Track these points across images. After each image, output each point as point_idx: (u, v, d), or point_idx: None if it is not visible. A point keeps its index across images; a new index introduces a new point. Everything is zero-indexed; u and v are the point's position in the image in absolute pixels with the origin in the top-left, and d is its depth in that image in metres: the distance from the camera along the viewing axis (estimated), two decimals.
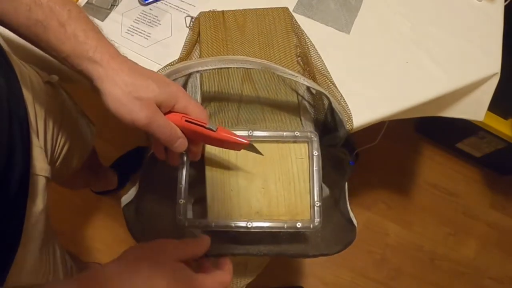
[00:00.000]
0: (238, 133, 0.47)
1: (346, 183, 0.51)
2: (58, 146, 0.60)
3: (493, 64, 0.64)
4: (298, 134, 0.49)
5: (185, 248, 0.38)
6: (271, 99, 0.54)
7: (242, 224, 0.46)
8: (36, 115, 0.52)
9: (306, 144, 0.50)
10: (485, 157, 1.31)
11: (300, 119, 0.53)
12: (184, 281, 0.35)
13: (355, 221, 0.49)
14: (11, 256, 0.44)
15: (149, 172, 0.48)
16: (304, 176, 0.48)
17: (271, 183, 0.48)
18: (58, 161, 0.61)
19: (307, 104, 0.55)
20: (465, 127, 1.20)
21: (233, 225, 0.46)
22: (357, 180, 1.31)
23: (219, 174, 0.48)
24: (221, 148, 0.49)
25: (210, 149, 0.49)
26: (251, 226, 0.46)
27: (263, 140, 0.49)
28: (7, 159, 0.41)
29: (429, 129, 1.38)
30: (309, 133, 0.49)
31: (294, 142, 0.50)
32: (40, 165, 0.50)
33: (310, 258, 0.49)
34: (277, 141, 0.50)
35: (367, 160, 1.32)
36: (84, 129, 0.72)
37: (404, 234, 1.29)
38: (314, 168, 0.48)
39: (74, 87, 0.66)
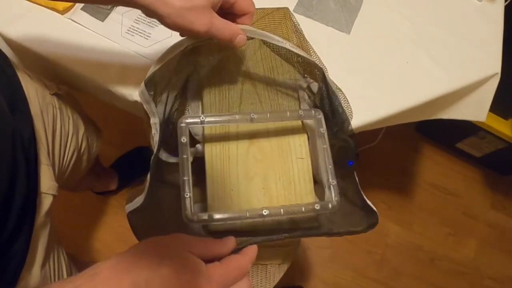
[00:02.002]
0: (238, 116, 0.46)
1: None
2: (67, 158, 0.60)
3: (493, 64, 0.64)
4: (302, 113, 0.47)
5: (208, 246, 0.35)
6: (271, 99, 0.54)
7: (257, 213, 0.42)
8: (45, 129, 0.53)
9: (306, 140, 0.49)
10: (485, 157, 1.31)
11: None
12: (191, 271, 0.32)
13: (374, 208, 0.45)
14: (16, 274, 0.44)
15: (157, 177, 0.47)
16: (304, 176, 0.48)
17: (272, 182, 0.48)
18: (67, 173, 0.62)
19: (307, 105, 0.55)
20: (465, 127, 1.21)
21: (247, 214, 0.42)
22: None
23: (220, 174, 0.48)
24: (221, 148, 0.49)
25: (211, 149, 0.48)
26: (267, 214, 0.42)
27: (264, 133, 0.48)
28: (9, 183, 0.41)
29: (429, 129, 1.38)
30: (313, 111, 0.48)
31: (294, 133, 0.48)
32: (47, 183, 0.50)
33: (334, 236, 0.45)
34: (277, 135, 0.49)
35: (367, 160, 1.32)
36: (91, 136, 0.72)
37: (404, 234, 1.29)
38: (323, 146, 0.46)
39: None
